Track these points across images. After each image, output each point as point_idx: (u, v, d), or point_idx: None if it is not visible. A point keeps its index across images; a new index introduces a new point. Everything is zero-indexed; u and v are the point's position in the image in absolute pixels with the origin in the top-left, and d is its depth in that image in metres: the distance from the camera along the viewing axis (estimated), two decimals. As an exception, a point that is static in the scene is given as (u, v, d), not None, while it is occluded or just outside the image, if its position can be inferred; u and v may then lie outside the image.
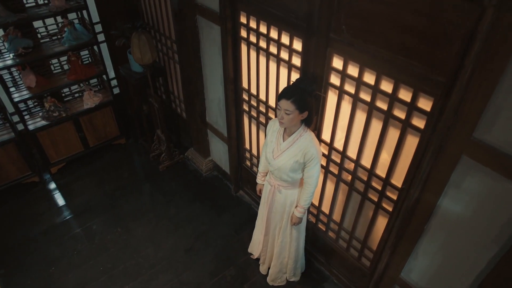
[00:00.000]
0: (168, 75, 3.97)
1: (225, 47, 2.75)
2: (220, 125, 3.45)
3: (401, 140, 1.92)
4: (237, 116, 3.16)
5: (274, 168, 2.32)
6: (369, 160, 2.17)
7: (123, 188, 3.80)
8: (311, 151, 2.16)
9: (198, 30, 3.00)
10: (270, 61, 2.50)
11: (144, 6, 3.78)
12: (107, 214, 3.54)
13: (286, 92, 2.05)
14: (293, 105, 2.02)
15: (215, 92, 3.23)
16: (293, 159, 2.22)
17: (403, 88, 1.79)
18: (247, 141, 3.28)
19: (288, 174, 2.28)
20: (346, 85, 2.06)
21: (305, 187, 2.32)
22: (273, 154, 2.30)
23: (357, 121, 2.12)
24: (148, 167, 4.07)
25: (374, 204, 2.27)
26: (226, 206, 3.62)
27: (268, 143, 2.36)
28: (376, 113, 1.97)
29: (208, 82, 3.28)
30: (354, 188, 2.36)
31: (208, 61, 3.11)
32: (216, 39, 2.84)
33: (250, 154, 3.32)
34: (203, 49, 3.09)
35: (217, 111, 3.38)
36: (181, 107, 4.10)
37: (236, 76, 2.90)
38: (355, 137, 2.18)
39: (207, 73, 3.22)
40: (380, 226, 2.35)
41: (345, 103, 2.14)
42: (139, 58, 3.18)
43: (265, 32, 2.39)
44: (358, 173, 2.28)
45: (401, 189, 2.05)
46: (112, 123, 4.07)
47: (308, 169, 2.23)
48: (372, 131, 2.06)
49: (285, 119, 2.08)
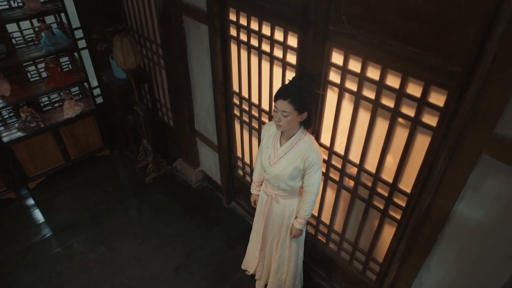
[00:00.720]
0: (154, 82, 3.77)
1: (213, 47, 2.57)
2: (210, 133, 3.25)
3: (410, 140, 1.75)
4: (228, 122, 2.97)
5: (270, 176, 2.12)
6: (374, 164, 1.99)
7: (107, 203, 3.55)
8: (312, 156, 1.97)
9: (184, 31, 2.83)
10: (263, 60, 2.32)
11: (128, 9, 3.59)
12: (90, 231, 3.28)
13: (282, 91, 1.87)
14: (291, 106, 1.84)
15: (204, 97, 3.04)
16: (291, 166, 2.02)
17: (412, 82, 1.62)
18: (239, 148, 3.08)
19: (287, 182, 2.08)
20: (347, 82, 1.88)
21: (306, 196, 2.12)
22: (269, 161, 2.11)
23: (360, 121, 1.94)
24: (134, 179, 3.83)
25: (380, 212, 2.08)
26: (217, 219, 3.39)
27: (263, 148, 2.16)
28: (382, 111, 1.80)
29: (196, 87, 3.09)
30: (357, 195, 2.17)
31: (196, 64, 2.92)
32: (204, 40, 2.66)
33: (243, 162, 3.12)
34: (190, 52, 2.91)
35: (206, 117, 3.18)
36: (168, 115, 3.90)
37: (226, 78, 2.72)
38: (358, 139, 2.01)
39: (195, 77, 3.03)
40: (387, 236, 2.16)
41: (346, 102, 1.97)
42: (121, 63, 2.98)
43: (256, 28, 2.22)
44: (361, 178, 2.10)
45: (411, 195, 1.87)
46: (95, 133, 3.84)
47: (309, 176, 2.04)
48: (377, 132, 1.89)
49: (282, 122, 1.90)
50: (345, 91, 1.90)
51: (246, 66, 2.48)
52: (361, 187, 2.12)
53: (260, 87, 2.45)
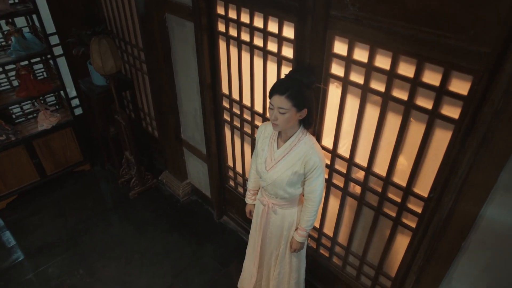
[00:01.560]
0: (137, 89, 3.53)
1: (200, 46, 2.35)
2: (198, 141, 3.01)
3: (427, 136, 1.54)
4: (217, 129, 2.74)
5: (267, 182, 1.89)
6: (384, 167, 1.77)
7: (87, 221, 3.24)
8: (313, 158, 1.75)
9: (168, 31, 2.61)
10: (255, 56, 2.11)
11: (107, 13, 3.37)
12: (67, 253, 2.97)
13: (279, 85, 1.66)
14: (288, 102, 1.63)
15: (191, 103, 2.81)
16: (290, 170, 1.80)
17: (428, 69, 1.43)
18: (230, 157, 2.84)
19: (285, 189, 1.85)
20: (352, 74, 1.68)
21: (307, 204, 1.89)
22: (265, 166, 1.88)
23: (368, 118, 1.73)
24: (116, 195, 3.54)
25: (392, 220, 1.86)
26: (208, 235, 3.12)
27: (258, 152, 1.93)
28: (393, 105, 1.60)
29: (182, 92, 2.86)
30: (365, 202, 1.95)
31: (181, 67, 2.70)
32: (189, 39, 2.45)
33: (234, 172, 2.88)
34: (174, 53, 2.69)
35: (193, 125, 2.95)
36: (152, 125, 3.64)
37: (215, 80, 2.50)
38: (365, 139, 1.80)
39: (180, 81, 2.80)
40: (400, 246, 1.94)
41: (351, 98, 1.76)
42: (100, 67, 2.74)
43: (247, 21, 2.02)
44: (370, 183, 1.88)
45: (428, 199, 1.66)
46: (73, 146, 3.55)
47: (310, 181, 1.82)
48: (388, 129, 1.68)
49: (279, 120, 1.68)
50: (350, 84, 1.70)
51: (236, 65, 2.26)
52: (370, 193, 1.90)
53: (252, 87, 2.23)
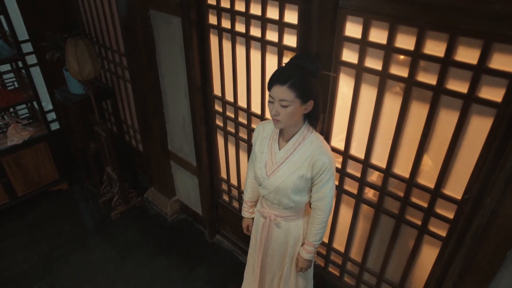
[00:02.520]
0: (119, 100, 3.26)
1: (189, 43, 2.12)
2: (187, 152, 2.73)
3: (461, 125, 1.31)
4: (209, 136, 2.47)
5: (268, 190, 1.62)
6: (405, 167, 1.54)
7: (63, 247, 2.89)
8: (322, 159, 1.50)
9: (152, 30, 2.37)
10: (252, 49, 1.88)
11: (85, 17, 3.13)
12: (40, 283, 2.60)
13: (279, 74, 1.41)
14: (291, 92, 1.38)
15: (178, 109, 2.55)
16: (296, 174, 1.54)
17: (463, 45, 1.21)
18: (223, 168, 2.57)
19: (291, 197, 1.59)
20: (367, 60, 1.46)
21: (315, 214, 1.63)
22: (266, 170, 1.61)
23: (387, 110, 1.50)
24: (97, 216, 3.20)
25: (417, 228, 1.61)
26: (200, 257, 2.81)
27: (257, 155, 1.67)
28: (419, 92, 1.38)
29: (168, 98, 2.60)
30: (383, 210, 1.70)
31: (168, 69, 2.45)
32: (176, 37, 2.22)
33: (228, 185, 2.60)
34: (160, 55, 2.45)
35: (181, 134, 2.68)
36: (136, 138, 3.35)
37: (205, 81, 2.25)
38: (383, 136, 1.56)
39: (166, 85, 2.55)
40: (426, 260, 1.68)
41: (366, 88, 1.53)
42: (76, 72, 2.47)
43: (243, 9, 1.80)
44: (389, 187, 1.64)
45: (463, 201, 1.42)
46: (49, 163, 3.22)
47: (319, 186, 1.56)
48: (412, 122, 1.45)
49: (282, 115, 1.43)
50: (365, 71, 1.47)
51: (230, 61, 2.03)
52: (389, 198, 1.65)
53: (248, 85, 1.99)
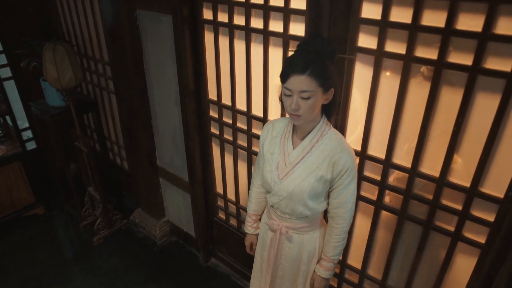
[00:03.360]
0: (102, 115, 3.02)
1: (181, 43, 1.94)
2: (178, 167, 2.50)
3: (502, 111, 1.15)
4: (203, 147, 2.26)
5: (280, 196, 1.41)
6: (434, 164, 1.36)
7: (38, 279, 2.56)
8: (344, 157, 1.31)
9: (139, 32, 2.19)
10: (253, 43, 1.71)
11: (65, 24, 2.93)
12: (9, 323, 2.26)
13: (296, 62, 1.22)
14: (313, 81, 1.20)
15: (168, 119, 2.34)
16: (313, 176, 1.34)
17: (504, 16, 1.06)
18: (219, 182, 2.34)
19: (307, 203, 1.38)
20: (387, 43, 1.30)
21: (334, 224, 1.42)
22: (278, 173, 1.41)
23: (411, 101, 1.33)
24: (77, 242, 2.89)
25: (449, 235, 1.41)
26: (194, 283, 2.52)
27: (265, 158, 1.47)
28: (450, 76, 1.21)
29: (157, 107, 2.39)
30: (408, 216, 1.50)
31: (156, 75, 2.25)
32: (166, 38, 2.04)
33: (225, 200, 2.36)
34: (148, 60, 2.25)
35: (171, 147, 2.45)
36: (121, 155, 3.10)
37: (199, 85, 2.06)
38: (408, 130, 1.38)
39: (155, 93, 2.34)
40: (461, 272, 1.47)
41: (386, 76, 1.37)
42: (55, 79, 2.24)
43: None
44: (415, 189, 1.44)
45: (506, 200, 1.23)
46: (23, 185, 2.92)
47: (339, 190, 1.36)
48: (441, 112, 1.28)
49: (303, 109, 1.23)
50: (386, 57, 1.31)
51: (227, 59, 1.85)
52: (415, 202, 1.46)
53: (248, 84, 1.81)
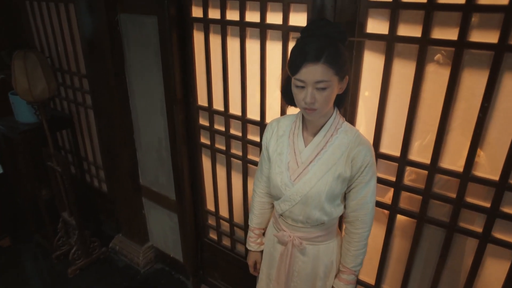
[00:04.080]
0: (79, 134, 2.80)
1: (167, 47, 1.79)
2: (164, 184, 2.29)
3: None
4: (192, 159, 2.08)
5: (292, 202, 1.24)
6: (455, 158, 1.24)
7: (2, 318, 2.24)
8: (363, 151, 1.16)
9: (121, 37, 2.04)
10: (248, 40, 1.59)
11: (38, 37, 2.74)
12: None
13: (308, 50, 1.05)
14: (329, 69, 1.05)
15: (153, 131, 2.16)
16: (331, 174, 1.18)
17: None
18: (210, 197, 2.15)
19: (324, 206, 1.21)
20: (400, 27, 1.20)
21: (354, 229, 1.25)
22: (289, 174, 1.24)
23: (428, 90, 1.22)
24: (50, 275, 2.57)
25: (477, 237, 1.28)
26: (184, 314, 2.27)
27: (272, 160, 1.30)
28: (472, 57, 1.12)
29: (140, 119, 2.21)
30: (428, 219, 1.36)
31: (139, 83, 2.09)
32: (151, 41, 1.89)
33: (217, 218, 2.16)
34: (130, 67, 2.09)
35: (156, 162, 2.26)
36: (99, 177, 2.86)
37: (188, 91, 1.91)
38: (425, 122, 1.27)
39: (137, 104, 2.17)
40: (492, 278, 1.32)
41: (399, 64, 1.26)
42: (25, 90, 2.03)
43: (236, -8, 1.53)
44: (434, 187, 1.31)
45: (542, 190, 1.12)
46: (-13, 214, 2.62)
47: (358, 189, 1.20)
48: (463, 97, 1.18)
49: (319, 101, 1.08)
50: (399, 41, 1.21)
51: (219, 60, 1.71)
52: (436, 202, 1.32)
53: (243, 85, 1.67)
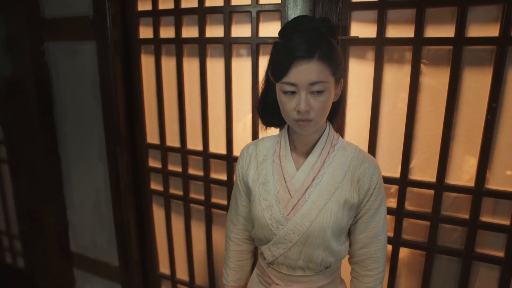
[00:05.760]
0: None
1: (109, 76, 1.51)
2: (103, 248, 1.85)
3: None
4: (140, 211, 1.70)
5: (289, 243, 0.93)
6: (460, 173, 1.09)
7: None
8: (370, 169, 0.93)
9: (48, 70, 1.71)
10: (209, 58, 1.37)
11: None
12: None
13: (297, 46, 0.84)
14: (325, 67, 0.84)
15: (89, 181, 1.77)
16: (335, 201, 0.92)
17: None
18: (164, 257, 1.75)
19: (330, 244, 0.93)
20: (389, 28, 1.09)
21: (364, 271, 0.97)
22: (281, 209, 0.96)
23: (426, 97, 1.09)
24: None
25: (499, 263, 1.09)
26: None
27: (255, 193, 1.00)
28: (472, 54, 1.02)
29: (72, 168, 1.81)
30: (438, 249, 1.16)
31: (71, 123, 1.73)
32: (87, 71, 1.60)
33: (173, 282, 1.75)
34: (59, 105, 1.74)
35: (93, 220, 1.83)
36: (14, 250, 2.26)
37: (135, 126, 1.60)
38: (424, 132, 1.12)
39: (69, 150, 1.78)
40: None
41: (390, 71, 1.12)
42: None
43: (195, 4, 1.33)
44: (443, 209, 1.13)
45: None
46: None
47: (368, 217, 0.94)
48: (466, 100, 1.06)
49: (316, 109, 0.85)
50: (389, 44, 1.08)
51: (173, 86, 1.46)
52: (445, 227, 1.14)
53: (205, 113, 1.42)
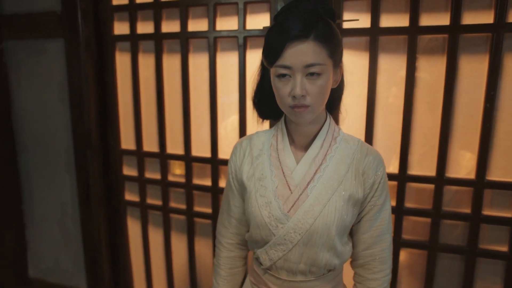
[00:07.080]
0: None
1: (80, 76, 1.38)
2: (68, 271, 1.66)
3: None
4: (113, 225, 1.54)
5: (290, 243, 0.84)
6: (459, 166, 1.06)
7: None
8: (374, 162, 0.86)
9: (7, 71, 1.54)
10: (191, 54, 1.28)
11: None
12: None
13: (292, 25, 0.78)
14: (322, 48, 0.78)
15: (53, 195, 1.59)
16: (339, 196, 0.84)
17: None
18: (141, 275, 1.59)
19: (335, 243, 0.84)
20: (383, 18, 1.06)
21: (369, 274, 0.88)
22: (280, 205, 0.86)
23: (422, 87, 1.07)
24: None
25: (504, 258, 1.06)
26: None
27: (250, 190, 0.89)
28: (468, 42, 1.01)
29: (33, 182, 1.62)
30: (440, 247, 1.11)
31: (33, 130, 1.56)
32: (53, 71, 1.46)
33: (148, 306, 1.59)
34: (20, 112, 1.57)
35: (57, 239, 1.64)
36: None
37: (107, 131, 1.46)
38: (422, 125, 1.09)
39: (30, 161, 1.60)
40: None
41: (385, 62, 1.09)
42: None
43: (176, -3, 1.26)
44: (444, 205, 1.09)
45: None
46: None
47: (373, 215, 0.86)
48: (464, 89, 1.04)
49: (313, 94, 0.78)
50: (384, 34, 1.06)
51: (152, 84, 1.36)
52: (447, 222, 1.09)
53: (186, 113, 1.32)
